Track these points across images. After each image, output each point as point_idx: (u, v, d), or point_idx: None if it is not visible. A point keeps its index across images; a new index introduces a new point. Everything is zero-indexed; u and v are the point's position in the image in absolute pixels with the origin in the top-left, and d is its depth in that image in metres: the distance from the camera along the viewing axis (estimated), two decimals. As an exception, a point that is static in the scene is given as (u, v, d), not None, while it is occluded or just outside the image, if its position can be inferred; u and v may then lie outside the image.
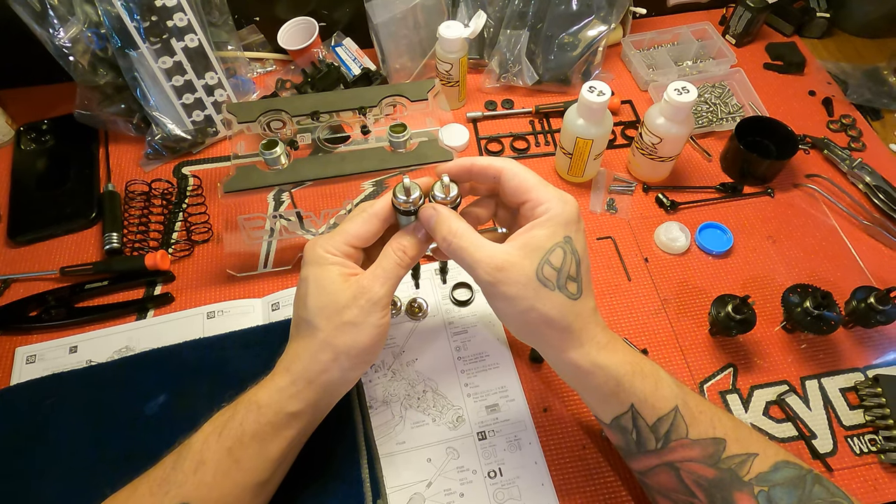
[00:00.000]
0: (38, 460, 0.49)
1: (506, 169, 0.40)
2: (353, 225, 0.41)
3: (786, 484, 0.38)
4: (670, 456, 0.40)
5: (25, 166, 0.71)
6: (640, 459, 0.42)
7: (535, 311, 0.37)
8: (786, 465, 0.39)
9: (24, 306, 0.59)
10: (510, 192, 0.40)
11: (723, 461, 0.39)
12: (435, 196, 0.41)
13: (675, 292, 0.62)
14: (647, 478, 0.43)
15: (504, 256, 0.38)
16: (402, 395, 0.54)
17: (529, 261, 0.37)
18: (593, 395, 0.41)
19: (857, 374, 0.57)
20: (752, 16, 0.83)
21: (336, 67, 0.77)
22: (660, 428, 0.40)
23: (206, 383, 0.53)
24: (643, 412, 0.40)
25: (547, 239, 0.38)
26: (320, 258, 0.40)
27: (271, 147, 0.54)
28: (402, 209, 0.41)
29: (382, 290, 0.39)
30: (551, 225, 0.38)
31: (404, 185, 0.40)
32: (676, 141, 0.65)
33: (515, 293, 0.37)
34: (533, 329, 0.39)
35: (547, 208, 0.38)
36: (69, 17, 0.63)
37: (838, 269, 0.64)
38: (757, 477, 0.38)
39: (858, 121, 0.78)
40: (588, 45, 0.76)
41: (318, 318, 0.39)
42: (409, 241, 0.41)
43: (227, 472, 0.38)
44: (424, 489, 0.49)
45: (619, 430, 0.42)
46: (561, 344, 0.39)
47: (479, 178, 0.42)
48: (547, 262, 0.37)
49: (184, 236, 0.66)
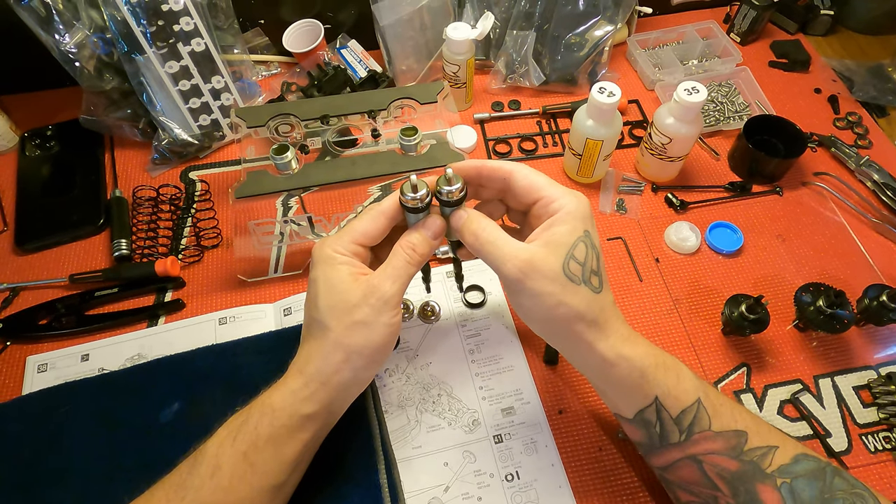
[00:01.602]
0: (52, 469, 0.49)
1: (515, 171, 0.41)
2: (360, 223, 0.41)
3: (807, 476, 0.38)
4: (693, 449, 0.40)
5: (31, 173, 0.71)
6: (662, 454, 0.42)
7: (565, 305, 0.38)
8: (805, 457, 0.40)
9: (33, 315, 0.59)
10: (521, 193, 0.41)
11: (745, 453, 0.39)
12: (441, 190, 0.40)
13: (687, 292, 0.62)
14: (669, 473, 0.43)
15: (531, 252, 0.38)
16: (417, 399, 0.54)
17: (555, 256, 0.37)
18: (618, 388, 0.41)
19: (871, 372, 0.57)
20: (756, 14, 0.83)
21: (342, 70, 0.76)
22: (683, 420, 0.40)
23: (219, 390, 0.53)
24: (667, 404, 0.40)
25: (569, 234, 0.38)
26: (329, 258, 0.40)
27: (282, 152, 0.54)
28: (410, 206, 0.41)
29: (393, 289, 0.39)
30: (570, 220, 0.38)
31: (412, 182, 0.40)
32: (686, 141, 0.65)
33: (544, 289, 0.37)
34: (561, 325, 0.39)
35: (561, 205, 0.39)
36: (74, 22, 0.62)
37: (848, 267, 0.64)
38: (779, 469, 0.39)
39: (864, 118, 0.78)
40: (594, 45, 0.76)
41: (329, 318, 0.39)
42: (419, 238, 0.41)
43: (242, 476, 0.38)
44: (442, 493, 0.49)
45: (642, 425, 0.42)
46: (588, 338, 0.39)
47: (488, 181, 0.43)
48: (572, 257, 0.38)
49: (193, 242, 0.65)
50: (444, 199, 0.41)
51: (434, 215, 0.42)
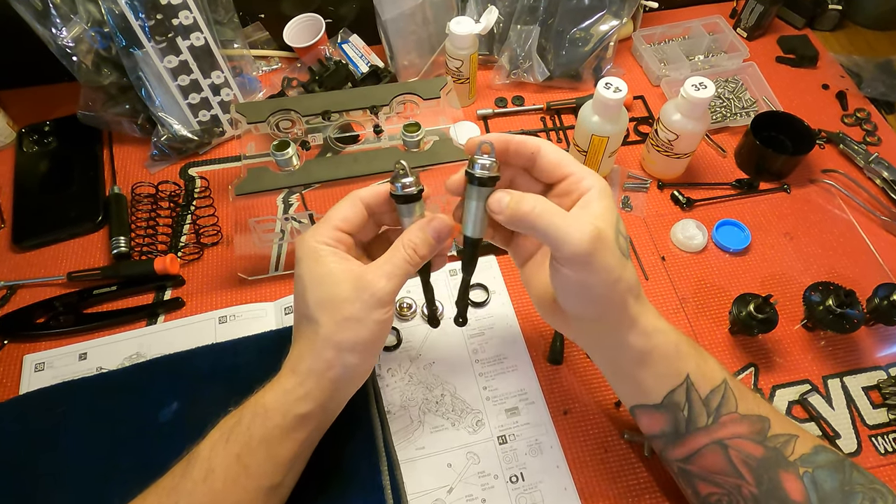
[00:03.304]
0: (49, 469, 0.48)
1: (543, 146, 0.39)
2: (339, 210, 0.40)
3: (828, 467, 0.38)
4: (720, 432, 0.40)
5: (28, 169, 0.70)
6: (686, 442, 0.41)
7: (623, 280, 0.37)
8: (824, 449, 0.39)
9: (31, 313, 0.58)
10: (550, 168, 0.39)
11: (769, 439, 0.39)
12: (476, 162, 0.37)
13: (694, 291, 0.61)
14: (691, 463, 0.41)
15: (597, 225, 0.36)
16: (420, 400, 0.53)
17: (611, 231, 0.37)
18: (651, 366, 0.40)
19: (880, 373, 0.56)
20: (763, 8, 0.82)
21: (344, 65, 0.75)
22: (712, 400, 0.40)
23: (219, 390, 0.52)
24: (697, 383, 0.40)
25: (611, 211, 0.38)
26: (313, 250, 0.39)
27: (283, 148, 0.53)
28: (400, 195, 0.39)
29: (388, 287, 0.38)
30: (604, 198, 0.38)
31: (399, 167, 0.38)
32: (693, 137, 0.64)
33: (611, 262, 0.36)
34: (616, 301, 0.38)
35: (591, 183, 0.38)
36: (72, 16, 0.61)
37: (856, 265, 0.63)
38: (801, 458, 0.38)
39: (873, 114, 0.77)
40: (599, 40, 0.75)
41: (319, 313, 0.38)
42: (422, 238, 0.40)
43: (236, 478, 0.37)
44: (446, 495, 0.48)
45: (669, 409, 0.41)
46: (634, 311, 0.39)
47: (515, 157, 0.40)
48: (619, 231, 0.38)
49: (193, 239, 0.64)
50: (480, 176, 0.37)
51: (441, 215, 0.40)
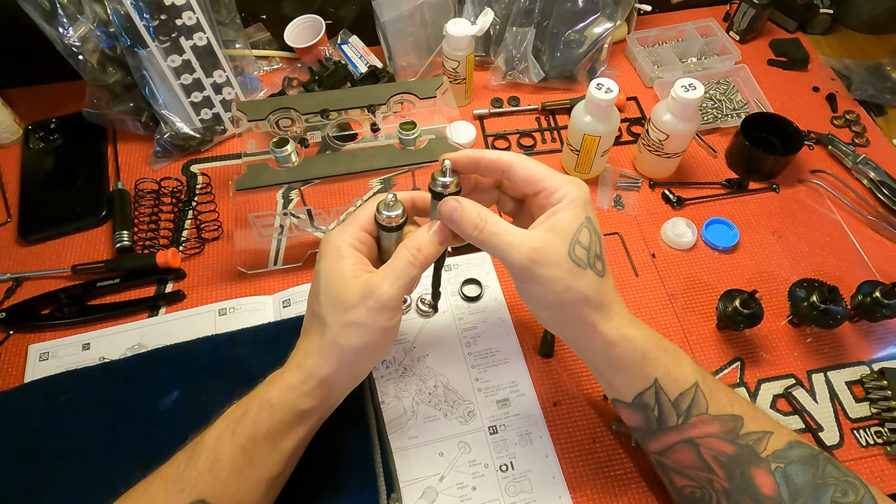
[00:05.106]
0: (52, 456, 0.50)
1: (514, 162, 0.41)
2: (365, 212, 0.42)
3: (800, 461, 0.39)
4: (691, 432, 0.41)
5: (34, 165, 0.72)
6: (659, 438, 0.42)
7: (573, 290, 0.38)
8: (798, 444, 0.40)
9: (36, 304, 0.60)
10: (521, 184, 0.41)
11: (741, 437, 0.40)
12: (436, 182, 0.40)
13: (682, 287, 0.63)
14: (666, 457, 0.43)
15: (538, 239, 0.38)
16: (413, 391, 0.55)
17: (561, 242, 0.38)
18: (619, 370, 0.42)
19: (863, 368, 0.57)
20: (755, 12, 0.84)
21: (343, 65, 0.77)
22: (681, 403, 0.41)
23: (218, 379, 0.54)
24: (666, 387, 0.41)
25: (572, 220, 0.39)
26: (336, 249, 0.40)
27: (282, 145, 0.55)
28: (384, 224, 0.41)
29: (392, 290, 0.39)
30: (573, 207, 0.39)
31: (387, 201, 0.40)
32: (683, 137, 0.65)
33: (553, 274, 0.38)
34: (568, 310, 0.39)
35: (564, 193, 0.39)
36: (78, 16, 0.63)
37: (843, 263, 0.65)
38: (773, 454, 0.39)
39: (862, 117, 0.78)
40: (594, 42, 0.77)
41: (328, 315, 0.39)
42: (426, 239, 0.41)
43: (241, 469, 0.39)
44: (437, 483, 0.50)
45: (640, 408, 0.42)
46: (593, 320, 0.40)
47: (486, 172, 0.42)
48: (577, 241, 0.38)
49: (194, 234, 0.66)
50: (438, 192, 0.40)
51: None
